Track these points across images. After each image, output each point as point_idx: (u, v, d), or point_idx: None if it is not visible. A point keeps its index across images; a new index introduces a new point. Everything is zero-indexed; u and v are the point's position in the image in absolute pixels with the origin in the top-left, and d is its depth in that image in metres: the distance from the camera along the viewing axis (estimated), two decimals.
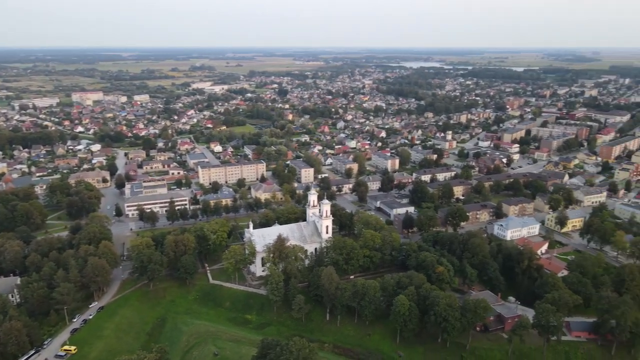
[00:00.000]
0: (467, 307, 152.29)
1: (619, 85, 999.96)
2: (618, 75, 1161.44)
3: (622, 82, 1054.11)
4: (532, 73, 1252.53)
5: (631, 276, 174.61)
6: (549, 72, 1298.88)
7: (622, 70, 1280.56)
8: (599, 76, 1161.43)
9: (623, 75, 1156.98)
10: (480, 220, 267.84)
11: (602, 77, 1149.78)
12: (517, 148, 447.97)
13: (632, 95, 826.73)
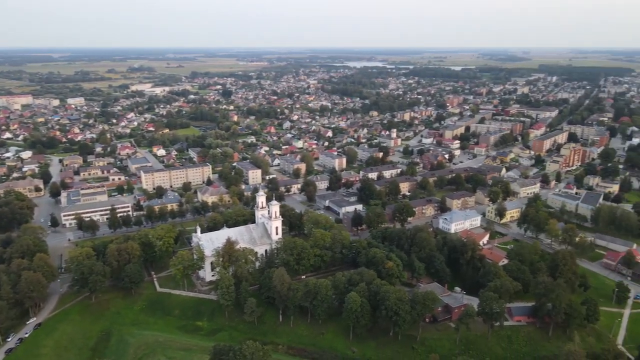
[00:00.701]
0: (417, 299, 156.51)
1: (547, 83, 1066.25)
2: (546, 74, 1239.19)
3: (550, 79, 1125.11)
4: (469, 72, 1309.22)
5: (564, 261, 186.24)
6: (485, 70, 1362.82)
7: (549, 69, 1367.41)
8: (529, 74, 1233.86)
9: (550, 74, 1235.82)
10: (426, 215, 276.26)
11: (532, 75, 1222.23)
12: (458, 144, 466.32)
13: (559, 92, 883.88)
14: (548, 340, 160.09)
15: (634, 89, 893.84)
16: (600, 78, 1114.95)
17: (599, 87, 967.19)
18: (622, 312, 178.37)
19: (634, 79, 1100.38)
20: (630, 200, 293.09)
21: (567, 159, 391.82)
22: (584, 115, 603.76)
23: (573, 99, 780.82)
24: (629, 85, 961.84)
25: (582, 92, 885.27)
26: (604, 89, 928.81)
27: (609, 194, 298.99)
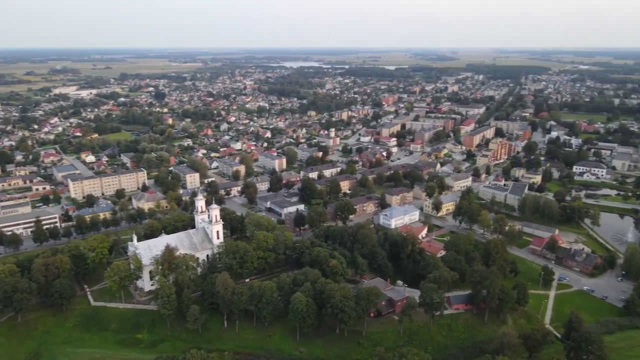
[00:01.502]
0: (361, 295, 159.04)
1: (474, 81, 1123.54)
2: (473, 73, 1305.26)
3: (476, 78, 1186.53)
4: (402, 71, 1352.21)
5: (496, 249, 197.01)
6: (417, 70, 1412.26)
7: (476, 68, 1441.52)
8: (458, 73, 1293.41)
9: (477, 72, 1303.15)
10: (367, 212, 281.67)
11: (460, 74, 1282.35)
12: (394, 142, 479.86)
13: (485, 90, 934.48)
14: (484, 325, 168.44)
15: (550, 86, 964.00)
16: (521, 76, 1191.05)
17: (521, 84, 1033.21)
18: (548, 294, 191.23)
19: (550, 77, 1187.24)
20: (552, 189, 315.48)
21: (495, 153, 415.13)
22: (509, 111, 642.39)
23: (498, 96, 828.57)
24: (546, 83, 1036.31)
25: (506, 89, 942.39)
26: (524, 86, 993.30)
27: (533, 185, 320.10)
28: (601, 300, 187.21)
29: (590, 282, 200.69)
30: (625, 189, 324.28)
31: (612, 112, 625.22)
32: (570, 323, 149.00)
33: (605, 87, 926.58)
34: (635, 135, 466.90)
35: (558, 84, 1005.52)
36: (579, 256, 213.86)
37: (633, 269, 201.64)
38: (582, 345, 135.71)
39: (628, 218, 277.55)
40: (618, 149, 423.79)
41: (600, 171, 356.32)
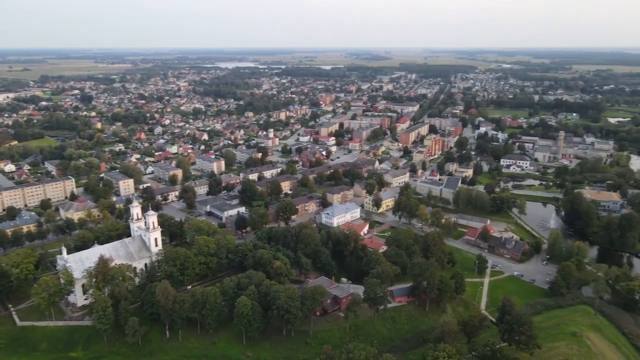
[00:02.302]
0: (306, 295, 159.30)
1: (408, 80, 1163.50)
2: (406, 72, 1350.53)
3: (410, 77, 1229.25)
4: (338, 71, 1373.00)
5: (434, 242, 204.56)
6: (353, 69, 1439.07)
7: (409, 67, 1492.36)
8: (392, 72, 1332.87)
9: (410, 71, 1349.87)
10: (309, 212, 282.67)
11: (394, 73, 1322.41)
12: (333, 141, 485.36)
13: (418, 88, 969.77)
14: (426, 315, 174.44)
15: (477, 85, 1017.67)
16: (450, 75, 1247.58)
17: (451, 83, 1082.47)
18: (483, 281, 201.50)
19: (477, 75, 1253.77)
20: (482, 182, 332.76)
21: (430, 149, 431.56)
22: (441, 108, 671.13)
23: (430, 94, 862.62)
24: (473, 81, 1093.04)
25: (437, 87, 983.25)
26: (454, 84, 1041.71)
27: (466, 178, 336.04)
28: (530, 284, 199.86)
29: (519, 268, 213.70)
30: (547, 179, 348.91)
31: (532, 107, 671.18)
32: (503, 307, 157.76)
33: (526, 85, 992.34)
34: (553, 129, 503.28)
35: (484, 82, 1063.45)
36: (509, 244, 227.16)
37: (556, 253, 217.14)
38: (515, 327, 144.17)
39: (550, 206, 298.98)
40: (539, 142, 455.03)
41: (525, 163, 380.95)
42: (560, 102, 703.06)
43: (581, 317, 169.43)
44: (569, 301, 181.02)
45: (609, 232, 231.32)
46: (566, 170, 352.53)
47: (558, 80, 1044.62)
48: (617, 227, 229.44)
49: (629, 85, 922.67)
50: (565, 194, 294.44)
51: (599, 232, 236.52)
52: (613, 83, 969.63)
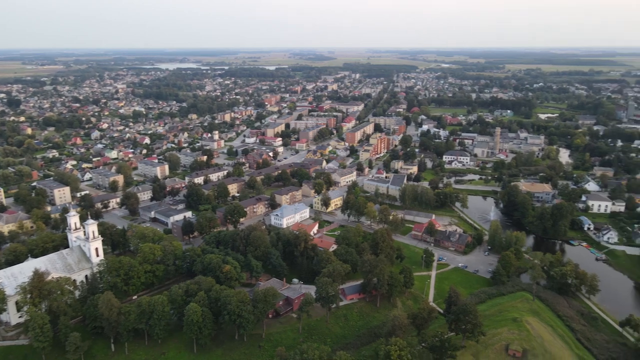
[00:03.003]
0: (258, 298, 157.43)
1: (352, 80, 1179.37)
2: (350, 71, 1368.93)
3: (354, 77, 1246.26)
4: (283, 71, 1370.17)
5: (382, 239, 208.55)
6: (297, 69, 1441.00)
7: (352, 67, 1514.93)
8: (336, 72, 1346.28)
9: (354, 71, 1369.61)
10: (257, 214, 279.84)
11: (339, 73, 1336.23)
12: (280, 141, 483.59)
13: (362, 88, 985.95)
14: (377, 311, 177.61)
15: (419, 84, 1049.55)
16: (393, 74, 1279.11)
17: (393, 82, 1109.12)
18: (430, 274, 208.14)
19: (418, 74, 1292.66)
20: (427, 178, 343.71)
21: (376, 147, 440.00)
22: (385, 107, 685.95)
23: (374, 93, 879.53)
24: (415, 80, 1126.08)
25: (381, 87, 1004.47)
26: (397, 84, 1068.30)
27: (411, 175, 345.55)
28: (473, 274, 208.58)
29: (463, 259, 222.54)
30: (486, 173, 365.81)
31: (470, 105, 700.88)
32: (450, 298, 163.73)
33: (464, 84, 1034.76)
34: (490, 126, 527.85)
35: (425, 81, 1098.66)
36: (453, 237, 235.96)
37: (496, 244, 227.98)
38: (461, 317, 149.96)
39: (490, 199, 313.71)
40: (478, 138, 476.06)
41: (465, 159, 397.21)
42: (496, 99, 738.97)
43: (521, 303, 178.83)
44: (510, 289, 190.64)
45: (543, 222, 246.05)
46: (503, 164, 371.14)
47: (493, 79, 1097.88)
48: (550, 216, 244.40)
49: (556, 83, 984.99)
50: (502, 187, 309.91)
51: (534, 222, 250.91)
52: (542, 81, 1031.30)
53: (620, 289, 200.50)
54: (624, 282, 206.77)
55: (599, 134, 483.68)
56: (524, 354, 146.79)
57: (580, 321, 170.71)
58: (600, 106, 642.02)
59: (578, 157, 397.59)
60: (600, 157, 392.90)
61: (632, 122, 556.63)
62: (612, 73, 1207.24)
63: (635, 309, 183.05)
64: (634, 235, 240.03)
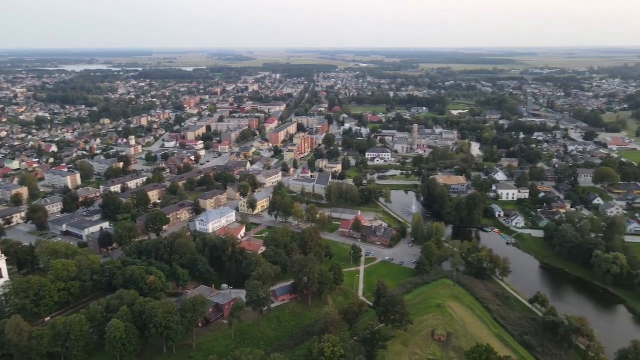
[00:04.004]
0: (186, 307, 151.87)
1: (273, 80, 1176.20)
2: (271, 72, 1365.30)
3: (275, 77, 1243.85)
4: (201, 72, 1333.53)
5: (311, 238, 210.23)
6: (216, 70, 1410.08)
7: (273, 67, 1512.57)
8: (257, 73, 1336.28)
9: (274, 71, 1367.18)
10: (181, 220, 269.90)
11: (259, 73, 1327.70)
12: (202, 144, 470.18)
13: (284, 88, 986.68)
14: (309, 310, 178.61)
15: (339, 83, 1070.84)
16: (314, 74, 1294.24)
17: (314, 82, 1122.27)
18: (359, 269, 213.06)
19: (338, 74, 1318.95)
20: (351, 175, 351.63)
21: (300, 147, 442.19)
22: (307, 107, 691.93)
23: (296, 93, 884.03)
24: (335, 80, 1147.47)
25: (302, 87, 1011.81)
26: (318, 83, 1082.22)
27: (335, 173, 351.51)
28: (399, 266, 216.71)
29: (389, 252, 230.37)
30: (406, 168, 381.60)
31: (389, 103, 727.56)
32: (379, 291, 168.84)
33: (382, 82, 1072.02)
34: (408, 122, 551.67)
35: (345, 81, 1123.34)
36: (379, 231, 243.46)
37: (419, 236, 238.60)
38: (389, 308, 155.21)
39: (411, 193, 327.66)
40: (397, 135, 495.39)
41: (387, 155, 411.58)
42: (412, 97, 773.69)
43: (443, 289, 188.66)
44: (433, 277, 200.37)
45: (459, 212, 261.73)
46: (422, 159, 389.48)
47: (408, 78, 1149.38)
48: (465, 206, 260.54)
49: (465, 81, 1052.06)
50: (422, 181, 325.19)
51: (452, 212, 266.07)
52: (453, 80, 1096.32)
53: (528, 269, 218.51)
54: (531, 263, 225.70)
55: (504, 127, 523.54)
56: (448, 337, 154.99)
57: (496, 302, 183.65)
58: (504, 102, 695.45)
59: (487, 150, 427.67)
60: (506, 149, 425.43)
61: (531, 116, 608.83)
62: (513, 71, 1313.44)
63: (542, 286, 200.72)
64: (537, 220, 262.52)
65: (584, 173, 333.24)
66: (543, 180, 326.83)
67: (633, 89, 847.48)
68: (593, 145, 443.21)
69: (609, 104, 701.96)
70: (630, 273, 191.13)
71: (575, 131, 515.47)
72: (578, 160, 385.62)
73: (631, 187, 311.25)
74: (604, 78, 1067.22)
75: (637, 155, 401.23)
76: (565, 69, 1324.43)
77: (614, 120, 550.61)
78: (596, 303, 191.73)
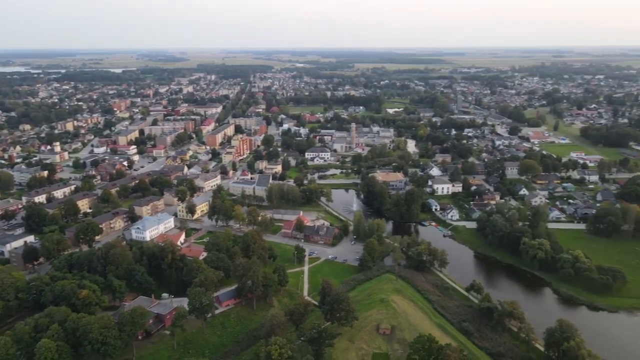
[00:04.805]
0: (124, 320, 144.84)
1: (208, 81, 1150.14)
2: (205, 72, 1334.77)
3: (209, 78, 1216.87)
4: (131, 74, 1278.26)
5: (253, 240, 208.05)
6: (147, 72, 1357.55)
7: (207, 68, 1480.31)
8: (190, 74, 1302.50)
9: (209, 72, 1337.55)
10: (116, 229, 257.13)
11: (193, 74, 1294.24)
12: (135, 149, 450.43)
13: (219, 89, 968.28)
14: (254, 313, 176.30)
15: (276, 83, 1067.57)
16: (250, 75, 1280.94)
17: (251, 83, 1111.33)
18: (303, 269, 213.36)
19: (274, 74, 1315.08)
20: (291, 175, 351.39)
21: (238, 149, 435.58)
22: (244, 108, 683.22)
23: (232, 94, 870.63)
24: (272, 80, 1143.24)
25: (238, 88, 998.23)
26: (254, 84, 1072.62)
27: (276, 174, 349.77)
28: (343, 264, 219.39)
29: (333, 251, 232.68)
30: (346, 167, 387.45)
31: (326, 103, 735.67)
32: (323, 290, 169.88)
33: (318, 82, 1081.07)
34: (346, 122, 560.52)
35: (282, 81, 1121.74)
36: (321, 231, 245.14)
37: (360, 233, 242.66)
38: (335, 306, 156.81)
39: (352, 191, 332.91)
40: (336, 134, 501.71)
41: (326, 155, 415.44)
42: (349, 97, 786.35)
43: (386, 284, 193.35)
44: (375, 273, 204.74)
45: (398, 207, 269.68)
46: (360, 157, 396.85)
47: (345, 77, 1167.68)
48: (404, 202, 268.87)
49: (399, 80, 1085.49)
50: (362, 179, 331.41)
51: (391, 209, 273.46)
52: (387, 79, 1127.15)
53: (464, 260, 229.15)
54: (466, 253, 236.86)
55: (437, 124, 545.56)
56: (392, 330, 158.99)
57: (436, 292, 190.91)
58: (436, 100, 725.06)
59: (422, 147, 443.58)
60: (439, 145, 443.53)
61: (461, 113, 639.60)
62: (443, 71, 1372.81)
63: (476, 275, 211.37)
64: (470, 212, 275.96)
65: (510, 166, 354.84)
66: (474, 174, 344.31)
67: (550, 87, 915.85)
68: (517, 140, 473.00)
69: (530, 101, 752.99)
70: (553, 257, 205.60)
71: (501, 127, 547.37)
72: (505, 154, 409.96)
73: (551, 177, 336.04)
74: (524, 76, 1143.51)
75: (555, 148, 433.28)
76: (490, 68, 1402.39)
77: (534, 115, 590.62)
78: (525, 287, 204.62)
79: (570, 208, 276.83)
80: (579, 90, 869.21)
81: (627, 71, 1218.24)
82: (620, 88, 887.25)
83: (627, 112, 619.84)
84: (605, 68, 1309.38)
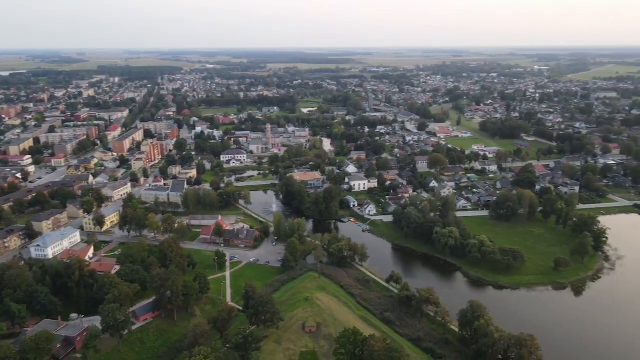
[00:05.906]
0: (27, 348, 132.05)
1: (111, 84, 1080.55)
2: (107, 75, 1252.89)
3: (112, 80, 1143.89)
4: (21, 77, 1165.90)
5: (170, 249, 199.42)
6: (40, 74, 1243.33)
7: (109, 70, 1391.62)
8: (91, 76, 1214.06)
9: (112, 74, 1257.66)
10: (11, 249, 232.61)
11: (93, 77, 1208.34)
12: (29, 159, 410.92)
13: (125, 92, 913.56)
14: (176, 325, 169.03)
15: (186, 85, 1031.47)
16: (157, 77, 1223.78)
17: (159, 85, 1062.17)
18: (225, 275, 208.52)
19: (184, 76, 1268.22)
20: (207, 179, 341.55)
21: (149, 154, 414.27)
22: (153, 112, 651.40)
23: (139, 97, 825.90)
24: (181, 82, 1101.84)
25: (146, 90, 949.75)
26: (163, 86, 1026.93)
27: (191, 179, 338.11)
28: (265, 266, 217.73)
29: (254, 253, 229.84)
30: (263, 168, 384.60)
31: (240, 104, 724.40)
32: (247, 294, 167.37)
33: (230, 83, 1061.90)
34: (261, 122, 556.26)
35: (192, 83, 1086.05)
36: (242, 234, 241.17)
37: (281, 233, 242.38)
38: (259, 309, 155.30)
39: (270, 192, 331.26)
40: (251, 135, 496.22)
41: (242, 156, 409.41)
42: (263, 97, 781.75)
43: (310, 282, 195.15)
44: (299, 272, 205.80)
45: (318, 206, 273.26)
46: (277, 158, 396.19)
47: (257, 78, 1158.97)
48: (323, 200, 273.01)
49: (312, 80, 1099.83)
50: (280, 180, 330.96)
51: (311, 207, 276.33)
52: (300, 79, 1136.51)
53: (383, 252, 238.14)
54: (384, 246, 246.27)
55: (351, 123, 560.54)
56: (318, 327, 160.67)
57: (358, 286, 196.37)
58: (348, 99, 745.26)
59: (338, 145, 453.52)
60: (354, 142, 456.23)
61: (373, 111, 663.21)
62: (353, 70, 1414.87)
63: (395, 266, 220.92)
64: (386, 206, 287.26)
65: (420, 160, 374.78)
66: (388, 169, 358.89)
67: (451, 84, 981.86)
68: (425, 135, 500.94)
69: (435, 98, 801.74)
70: (462, 243, 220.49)
71: (410, 123, 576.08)
72: (415, 149, 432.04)
73: (457, 169, 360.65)
74: (429, 75, 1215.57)
75: (459, 142, 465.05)
76: (397, 68, 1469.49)
77: (439, 111, 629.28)
78: (439, 273, 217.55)
79: (475, 197, 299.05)
80: (476, 87, 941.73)
81: (515, 69, 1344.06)
82: (511, 85, 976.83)
83: (518, 106, 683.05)
84: (498, 67, 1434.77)
